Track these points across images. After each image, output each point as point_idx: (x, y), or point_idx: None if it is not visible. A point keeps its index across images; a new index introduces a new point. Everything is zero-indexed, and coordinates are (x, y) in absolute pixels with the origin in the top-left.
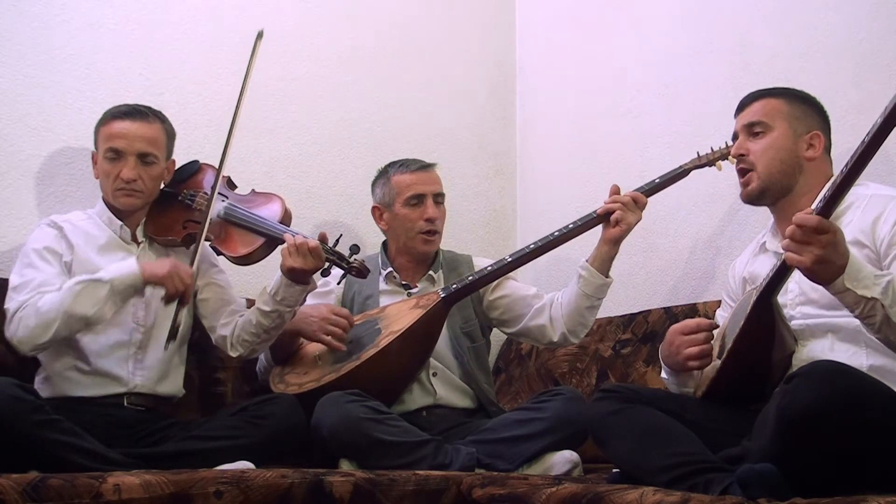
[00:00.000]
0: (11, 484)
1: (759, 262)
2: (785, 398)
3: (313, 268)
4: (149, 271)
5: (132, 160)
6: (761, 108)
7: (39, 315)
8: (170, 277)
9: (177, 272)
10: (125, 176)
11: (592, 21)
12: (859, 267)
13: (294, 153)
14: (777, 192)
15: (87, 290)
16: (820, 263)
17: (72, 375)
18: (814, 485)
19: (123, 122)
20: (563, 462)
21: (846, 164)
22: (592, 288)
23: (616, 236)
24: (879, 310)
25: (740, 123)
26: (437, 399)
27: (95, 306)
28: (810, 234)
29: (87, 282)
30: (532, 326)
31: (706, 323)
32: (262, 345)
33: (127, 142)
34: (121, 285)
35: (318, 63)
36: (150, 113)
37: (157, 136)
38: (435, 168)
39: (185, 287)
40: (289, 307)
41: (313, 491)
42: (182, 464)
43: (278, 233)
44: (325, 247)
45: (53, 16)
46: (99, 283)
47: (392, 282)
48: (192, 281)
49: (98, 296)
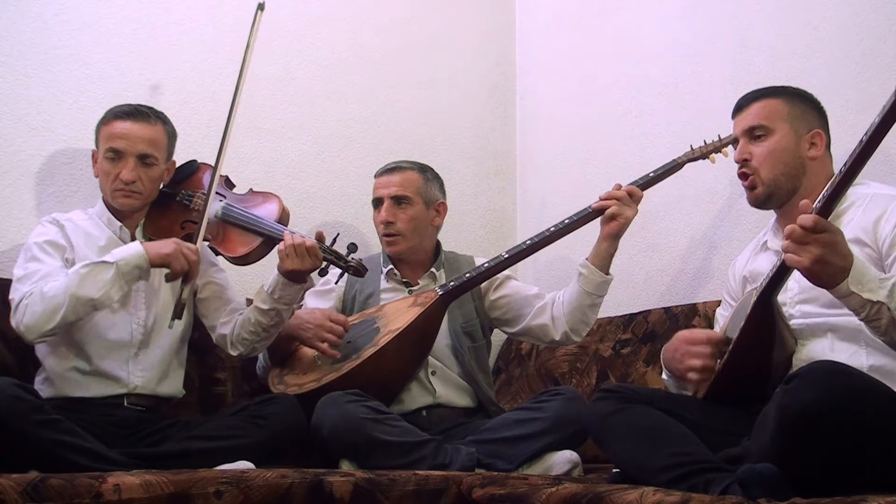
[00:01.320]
0: (11, 484)
1: (760, 261)
2: (785, 398)
3: (310, 268)
4: (154, 251)
5: (132, 161)
6: (760, 110)
7: (46, 300)
8: (175, 256)
9: (181, 249)
10: (124, 177)
11: (592, 21)
12: (864, 270)
13: (294, 153)
14: (783, 194)
15: (92, 272)
16: (819, 264)
17: (72, 376)
18: (814, 485)
19: (125, 122)
20: (563, 462)
21: (844, 164)
22: (593, 286)
23: (614, 231)
24: (885, 313)
25: (739, 127)
26: (437, 398)
27: (102, 289)
28: (808, 234)
29: (93, 265)
30: (534, 326)
31: (716, 338)
32: (262, 343)
33: (127, 142)
34: (126, 266)
35: (318, 63)
36: (152, 114)
37: (158, 138)
38: (404, 171)
39: (191, 264)
40: (287, 305)
41: (313, 491)
42: (182, 464)
43: (276, 232)
44: (323, 246)
45: (53, 15)
46: (104, 265)
47: (393, 279)
48: (197, 258)
49: (104, 278)
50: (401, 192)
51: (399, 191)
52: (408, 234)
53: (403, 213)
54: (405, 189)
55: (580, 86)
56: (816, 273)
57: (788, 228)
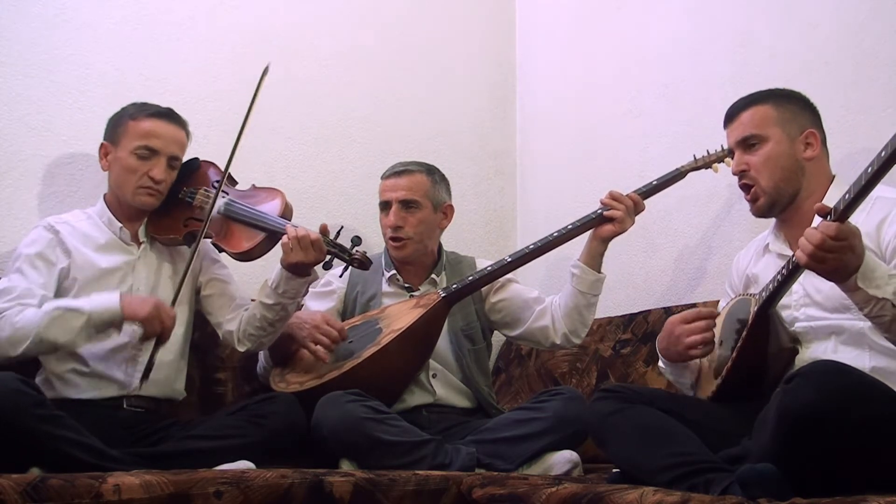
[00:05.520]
0: (11, 484)
1: (763, 264)
2: (785, 398)
3: (314, 261)
4: (129, 309)
5: (164, 161)
6: (750, 118)
7: (14, 331)
8: (150, 319)
9: (157, 314)
10: (155, 175)
11: (592, 21)
12: (874, 266)
13: (294, 153)
14: (786, 200)
15: (64, 317)
16: (839, 267)
17: (70, 378)
18: (814, 485)
19: (160, 121)
20: (563, 462)
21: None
22: (586, 285)
23: (609, 235)
24: (889, 310)
25: (732, 138)
26: (437, 399)
27: (68, 335)
28: (833, 244)
29: (65, 309)
30: (535, 329)
31: (706, 311)
32: (269, 338)
33: (163, 142)
34: (98, 319)
35: (318, 63)
36: (181, 119)
37: (185, 143)
38: (412, 174)
39: (164, 329)
40: (291, 299)
41: (313, 491)
42: (182, 463)
43: (279, 227)
44: (327, 239)
45: (53, 15)
46: (77, 312)
47: (395, 284)
48: (172, 323)
49: (74, 325)
50: (409, 196)
51: (408, 195)
52: (416, 237)
53: (412, 216)
54: (414, 193)
55: (580, 86)
56: (832, 274)
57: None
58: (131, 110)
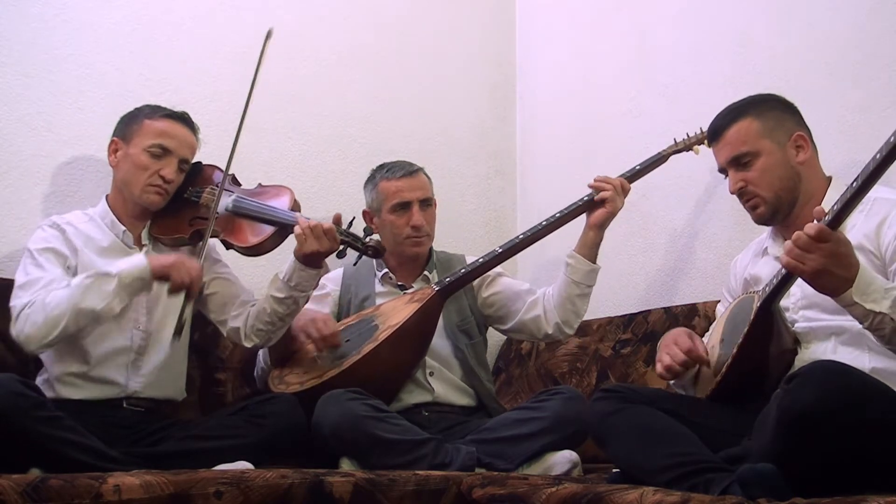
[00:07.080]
0: (11, 484)
1: (761, 266)
2: (785, 398)
3: (328, 249)
4: (156, 261)
5: (175, 162)
6: (736, 136)
7: (47, 311)
8: (176, 267)
9: (182, 263)
10: (166, 175)
11: (592, 21)
12: (869, 280)
13: (294, 153)
14: (787, 208)
15: (95, 283)
16: (820, 272)
17: (70, 380)
18: (814, 485)
19: (176, 123)
20: (563, 462)
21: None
22: (580, 275)
23: (601, 220)
24: (889, 323)
25: (722, 158)
26: (436, 397)
27: (104, 300)
28: (812, 243)
29: (96, 276)
30: (527, 320)
31: (695, 355)
32: (277, 333)
33: (177, 143)
34: (128, 278)
35: (318, 63)
36: (195, 124)
37: (196, 148)
38: (421, 173)
39: (192, 279)
40: (303, 292)
41: (313, 491)
42: (182, 464)
43: (290, 219)
44: (340, 228)
45: (53, 15)
46: (107, 276)
47: (388, 283)
48: (198, 274)
49: (107, 289)
50: (427, 195)
51: (424, 193)
52: (432, 234)
53: (429, 214)
54: (427, 192)
55: (580, 86)
56: (817, 281)
57: (795, 235)
58: (147, 110)
